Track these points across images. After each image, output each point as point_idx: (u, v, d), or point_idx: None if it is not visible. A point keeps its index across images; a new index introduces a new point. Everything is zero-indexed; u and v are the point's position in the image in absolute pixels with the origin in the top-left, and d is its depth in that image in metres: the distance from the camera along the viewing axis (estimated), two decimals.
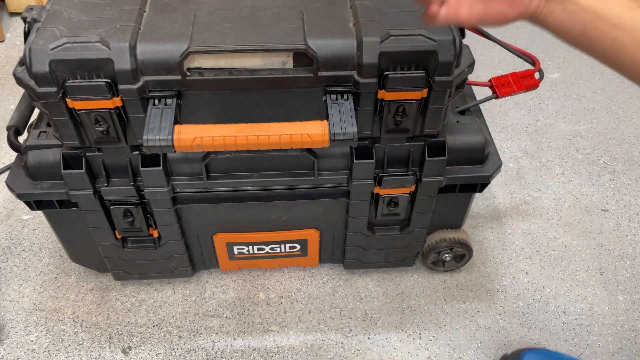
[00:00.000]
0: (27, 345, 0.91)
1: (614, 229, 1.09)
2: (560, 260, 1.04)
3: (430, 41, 0.65)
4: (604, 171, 1.20)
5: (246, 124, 0.66)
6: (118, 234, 0.85)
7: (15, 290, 0.98)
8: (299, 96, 0.70)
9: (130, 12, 0.68)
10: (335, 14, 0.70)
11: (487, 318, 0.95)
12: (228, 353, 0.90)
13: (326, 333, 0.93)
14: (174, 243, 0.88)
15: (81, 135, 0.71)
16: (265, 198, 0.82)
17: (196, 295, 0.98)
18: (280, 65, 0.68)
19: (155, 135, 0.64)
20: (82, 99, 0.65)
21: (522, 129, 1.30)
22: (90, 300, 0.97)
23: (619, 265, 1.03)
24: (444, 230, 0.94)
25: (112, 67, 0.63)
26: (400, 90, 0.68)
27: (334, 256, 0.98)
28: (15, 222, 1.09)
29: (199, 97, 0.69)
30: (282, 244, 0.92)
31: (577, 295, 0.99)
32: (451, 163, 0.79)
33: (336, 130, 0.65)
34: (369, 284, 1.00)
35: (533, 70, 0.83)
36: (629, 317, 0.95)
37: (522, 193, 1.16)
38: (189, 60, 0.66)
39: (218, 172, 0.79)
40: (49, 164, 0.75)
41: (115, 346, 0.91)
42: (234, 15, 0.69)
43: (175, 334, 0.92)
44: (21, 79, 0.65)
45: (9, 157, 1.21)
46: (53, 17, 0.67)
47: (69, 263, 1.01)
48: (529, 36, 1.57)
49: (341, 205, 0.85)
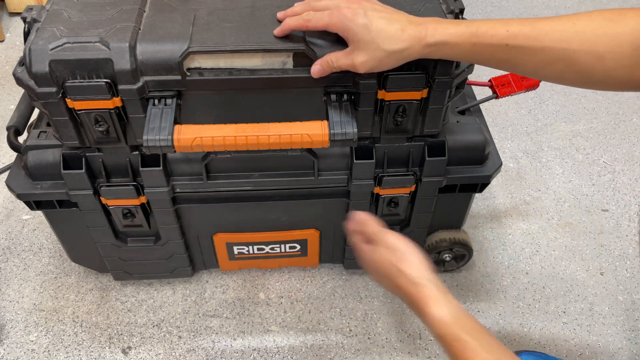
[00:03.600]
0: (27, 345, 0.91)
1: (614, 229, 1.09)
2: (560, 260, 1.04)
3: None
4: (604, 171, 1.20)
5: (246, 124, 0.66)
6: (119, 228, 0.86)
7: (15, 290, 0.98)
8: (299, 96, 0.70)
9: (130, 12, 0.68)
10: None
11: (487, 318, 0.95)
12: (228, 353, 0.90)
13: (326, 333, 0.93)
14: (174, 243, 0.88)
15: (81, 135, 0.71)
16: (265, 198, 0.82)
17: (196, 295, 0.98)
18: (280, 65, 0.68)
19: (155, 136, 0.64)
20: (82, 99, 0.65)
21: (522, 129, 1.30)
22: (90, 300, 0.97)
23: (619, 265, 1.03)
24: (444, 230, 0.94)
25: (112, 67, 0.63)
26: (400, 90, 0.68)
27: (334, 256, 0.98)
28: (15, 222, 1.09)
29: (199, 97, 0.69)
30: (282, 244, 0.92)
31: (577, 295, 0.99)
32: (451, 163, 0.79)
33: (336, 130, 0.65)
34: (369, 284, 1.00)
35: None
36: (629, 317, 0.95)
37: (522, 193, 1.16)
38: (188, 61, 0.66)
39: (218, 172, 0.79)
40: (49, 164, 0.75)
41: (115, 346, 0.91)
42: (234, 15, 0.69)
43: (175, 334, 0.92)
44: (21, 79, 0.65)
45: (9, 157, 1.21)
46: (53, 17, 0.67)
47: (69, 263, 1.01)
48: None
49: (341, 205, 0.85)
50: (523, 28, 0.56)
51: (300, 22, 0.63)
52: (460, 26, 0.58)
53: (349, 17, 0.58)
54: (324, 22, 0.61)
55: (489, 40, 0.57)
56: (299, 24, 0.63)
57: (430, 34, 0.58)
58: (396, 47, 0.58)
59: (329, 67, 0.63)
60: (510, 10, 1.67)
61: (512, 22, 0.57)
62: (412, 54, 0.59)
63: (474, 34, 0.57)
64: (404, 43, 0.58)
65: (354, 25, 0.58)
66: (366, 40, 0.58)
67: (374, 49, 0.58)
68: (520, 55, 0.57)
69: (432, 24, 0.58)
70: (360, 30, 0.58)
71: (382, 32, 0.58)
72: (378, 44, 0.58)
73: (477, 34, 0.57)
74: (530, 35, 0.56)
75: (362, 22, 0.58)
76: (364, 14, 0.58)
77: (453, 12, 0.69)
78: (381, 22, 0.58)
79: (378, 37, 0.58)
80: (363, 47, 0.59)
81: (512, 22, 0.57)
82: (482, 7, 1.69)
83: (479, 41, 0.57)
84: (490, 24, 0.57)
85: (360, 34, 0.58)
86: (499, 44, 0.57)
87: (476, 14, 1.66)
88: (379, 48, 0.58)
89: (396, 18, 0.59)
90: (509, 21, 0.57)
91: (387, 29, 0.58)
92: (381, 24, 0.58)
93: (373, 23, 0.58)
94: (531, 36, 0.56)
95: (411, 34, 0.58)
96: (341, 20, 0.59)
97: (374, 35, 0.58)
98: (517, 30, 0.56)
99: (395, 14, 0.60)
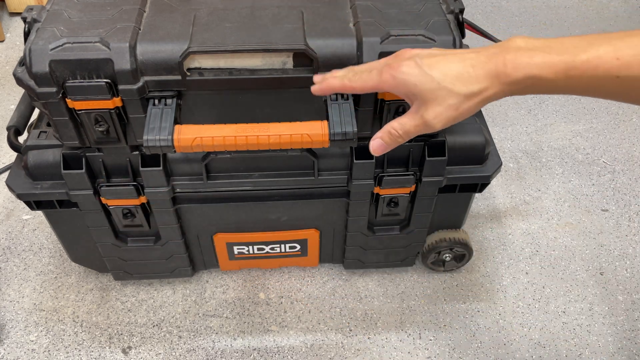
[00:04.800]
0: (27, 345, 0.91)
1: (614, 229, 1.09)
2: (560, 260, 1.04)
3: (430, 41, 0.65)
4: (604, 171, 1.20)
5: (246, 124, 0.66)
6: (119, 228, 0.86)
7: (15, 290, 0.98)
8: (299, 96, 0.70)
9: (130, 12, 0.68)
10: (335, 14, 0.70)
11: (487, 318, 0.95)
12: (228, 353, 0.90)
13: (326, 333, 0.93)
14: (174, 243, 0.88)
15: (81, 135, 0.71)
16: (265, 198, 0.82)
17: (196, 295, 0.98)
18: (280, 65, 0.68)
19: (155, 136, 0.64)
20: (82, 99, 0.65)
21: (522, 129, 1.30)
22: (90, 300, 0.97)
23: (619, 265, 1.03)
24: (444, 230, 0.94)
25: (112, 67, 0.63)
26: None
27: (334, 256, 0.98)
28: (15, 222, 1.09)
29: (199, 97, 0.69)
30: (282, 244, 0.92)
31: (577, 295, 0.99)
32: (451, 163, 0.79)
33: (336, 130, 0.65)
34: (369, 284, 1.00)
35: None
36: (629, 317, 0.95)
37: (522, 193, 1.16)
38: (189, 61, 0.66)
39: (218, 172, 0.79)
40: (49, 164, 0.75)
41: (115, 346, 0.91)
42: (234, 15, 0.69)
43: (175, 334, 0.92)
44: (21, 79, 0.65)
45: (9, 157, 1.21)
46: (53, 17, 0.67)
47: (69, 263, 1.01)
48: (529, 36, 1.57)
49: (341, 205, 0.85)
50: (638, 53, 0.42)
51: (344, 83, 0.54)
52: (550, 53, 0.45)
53: (403, 69, 0.49)
54: (372, 81, 0.52)
55: (593, 73, 0.43)
56: (343, 84, 0.54)
57: (512, 66, 0.45)
58: (472, 89, 0.47)
59: (393, 139, 0.53)
60: (510, 10, 1.67)
61: (621, 44, 0.43)
62: (495, 95, 0.47)
63: (570, 65, 0.44)
64: (480, 82, 0.47)
65: (411, 77, 0.49)
66: (432, 88, 0.48)
67: (445, 96, 0.48)
68: (637, 85, 0.43)
69: (511, 53, 0.46)
70: (420, 80, 0.48)
71: (449, 74, 0.47)
72: (448, 89, 0.47)
73: (575, 65, 0.44)
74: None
75: (419, 70, 0.48)
76: (420, 62, 0.49)
77: (453, 12, 0.69)
78: (443, 63, 0.48)
79: (445, 81, 0.47)
80: (431, 98, 0.48)
81: (621, 45, 0.43)
82: (482, 7, 1.69)
83: (579, 74, 0.44)
84: (592, 49, 0.43)
85: (421, 84, 0.48)
86: (606, 77, 0.43)
87: (476, 14, 1.66)
88: (451, 93, 0.48)
89: (460, 55, 0.48)
90: (616, 42, 0.43)
91: (454, 69, 0.47)
92: (444, 65, 0.48)
93: (434, 67, 0.48)
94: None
95: (487, 69, 0.46)
96: (394, 76, 0.50)
97: (439, 80, 0.48)
98: (630, 58, 0.42)
99: (458, 52, 0.49)
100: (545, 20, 1.64)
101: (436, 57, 0.49)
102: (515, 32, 1.58)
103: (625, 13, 1.67)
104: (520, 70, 0.45)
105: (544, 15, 1.66)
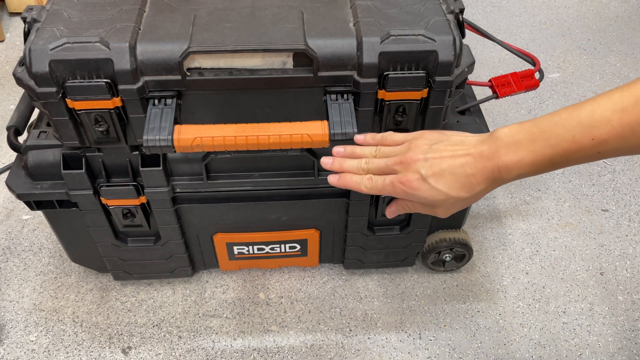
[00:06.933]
0: (27, 345, 0.91)
1: (614, 229, 1.09)
2: (560, 260, 1.04)
3: (430, 41, 0.65)
4: (604, 171, 1.20)
5: (246, 124, 0.66)
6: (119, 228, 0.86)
7: (15, 290, 0.98)
8: (299, 96, 0.70)
9: (130, 12, 0.68)
10: (335, 14, 0.70)
11: (487, 318, 0.95)
12: (228, 353, 0.90)
13: (326, 333, 0.93)
14: (174, 243, 0.88)
15: (81, 135, 0.71)
16: (265, 198, 0.82)
17: (196, 295, 0.98)
18: (280, 65, 0.68)
19: (155, 136, 0.64)
20: (82, 99, 0.65)
21: None
22: (90, 300, 0.97)
23: (619, 265, 1.03)
24: (444, 230, 0.94)
25: (112, 67, 0.63)
26: (400, 90, 0.68)
27: (334, 256, 0.98)
28: (15, 222, 1.09)
29: (199, 97, 0.69)
30: (282, 244, 0.92)
31: (577, 295, 0.99)
32: None
33: (336, 130, 0.65)
34: (369, 284, 1.00)
35: (533, 70, 0.83)
36: (629, 317, 0.95)
37: (522, 193, 1.16)
38: (188, 60, 0.66)
39: (218, 172, 0.79)
40: (49, 164, 0.75)
41: (115, 346, 0.91)
42: (234, 15, 0.69)
43: (175, 334, 0.92)
44: (21, 79, 0.65)
45: (9, 157, 1.21)
46: (53, 17, 0.67)
47: (69, 263, 1.01)
48: (529, 36, 1.57)
49: (341, 205, 0.85)
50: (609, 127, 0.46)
51: (360, 187, 0.61)
52: (535, 146, 0.50)
53: (413, 185, 0.56)
54: (386, 192, 0.59)
55: (575, 156, 0.49)
56: (359, 187, 0.61)
57: (505, 171, 0.52)
58: (475, 191, 0.55)
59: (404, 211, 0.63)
60: (510, 10, 1.67)
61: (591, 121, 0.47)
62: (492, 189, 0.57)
63: (554, 155, 0.50)
64: (481, 185, 0.55)
65: (421, 192, 0.56)
66: (442, 199, 0.56)
67: (452, 202, 0.57)
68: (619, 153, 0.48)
69: (502, 157, 0.52)
70: (430, 194, 0.56)
71: (453, 186, 0.55)
72: (454, 198, 0.56)
73: (558, 153, 0.49)
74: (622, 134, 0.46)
75: (427, 186, 0.56)
76: (425, 174, 0.56)
77: (453, 12, 0.69)
78: (446, 177, 0.55)
79: (452, 192, 0.55)
80: (440, 205, 0.57)
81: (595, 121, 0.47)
82: (482, 7, 1.69)
83: (563, 160, 0.50)
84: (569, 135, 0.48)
85: (432, 197, 0.56)
86: (588, 155, 0.49)
87: (476, 14, 1.66)
88: (458, 199, 0.56)
89: (460, 160, 0.55)
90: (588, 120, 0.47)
91: (457, 181, 0.55)
92: (447, 180, 0.55)
93: (439, 180, 0.55)
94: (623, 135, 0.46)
95: (484, 176, 0.54)
96: (405, 191, 0.57)
97: (446, 192, 0.55)
98: (604, 136, 0.46)
99: (457, 150, 0.56)
100: (545, 20, 1.64)
101: (441, 161, 0.56)
102: (515, 32, 1.58)
103: (625, 13, 1.67)
104: (513, 172, 0.52)
105: (544, 15, 1.66)
